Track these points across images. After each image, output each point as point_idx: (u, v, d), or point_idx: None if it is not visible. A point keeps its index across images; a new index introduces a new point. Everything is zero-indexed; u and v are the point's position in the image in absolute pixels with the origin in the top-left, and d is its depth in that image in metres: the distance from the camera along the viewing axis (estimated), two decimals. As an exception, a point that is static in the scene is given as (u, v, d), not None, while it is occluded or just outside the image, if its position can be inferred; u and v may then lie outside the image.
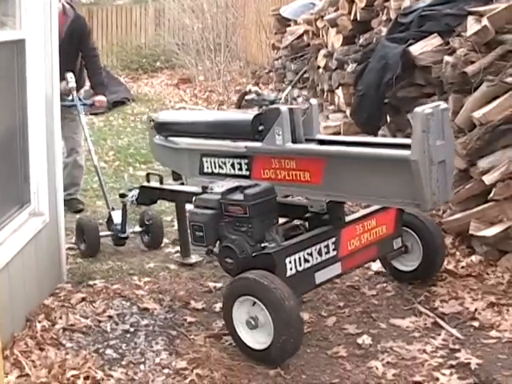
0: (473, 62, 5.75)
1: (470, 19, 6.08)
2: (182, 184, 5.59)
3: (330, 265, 4.50)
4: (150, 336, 4.53)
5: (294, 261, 4.30)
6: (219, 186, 4.48)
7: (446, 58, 6.03)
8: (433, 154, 3.94)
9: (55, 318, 4.69)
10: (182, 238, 5.79)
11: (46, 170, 4.98)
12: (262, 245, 4.30)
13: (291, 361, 4.13)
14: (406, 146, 4.12)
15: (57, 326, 4.58)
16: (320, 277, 4.46)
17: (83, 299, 5.03)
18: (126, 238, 6.09)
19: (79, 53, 7.20)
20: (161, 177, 5.62)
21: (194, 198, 4.64)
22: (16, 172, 4.78)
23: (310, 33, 11.39)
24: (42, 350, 4.25)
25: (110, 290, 5.19)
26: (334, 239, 4.52)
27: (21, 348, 4.21)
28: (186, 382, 3.96)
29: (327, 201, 4.54)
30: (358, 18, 8.79)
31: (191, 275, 5.53)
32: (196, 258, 5.79)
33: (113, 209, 6.24)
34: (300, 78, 9.81)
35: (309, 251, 4.38)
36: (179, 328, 4.63)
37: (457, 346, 4.25)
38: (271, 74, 14.55)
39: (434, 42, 6.43)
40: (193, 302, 5.00)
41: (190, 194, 5.11)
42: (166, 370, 4.10)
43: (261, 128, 4.65)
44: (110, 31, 21.07)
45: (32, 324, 4.54)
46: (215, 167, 4.95)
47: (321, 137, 4.89)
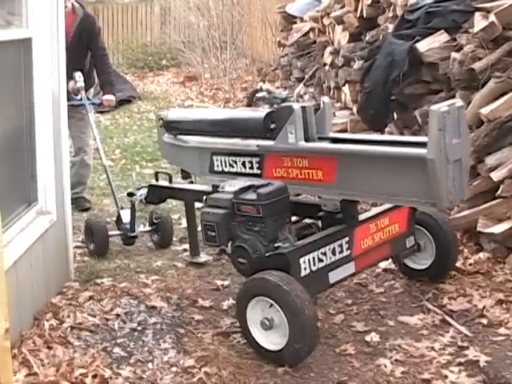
0: (480, 59, 5.75)
1: (477, 15, 6.08)
2: (191, 183, 5.55)
3: (343, 264, 4.46)
4: (157, 334, 4.53)
5: (308, 261, 4.26)
6: (231, 185, 4.44)
7: (453, 54, 6.02)
8: (449, 152, 3.89)
9: (63, 316, 4.69)
10: (191, 237, 5.77)
11: (53, 169, 4.98)
12: (275, 245, 4.25)
13: (299, 359, 4.13)
14: (421, 145, 4.07)
15: (64, 325, 4.57)
16: (334, 276, 4.42)
17: (91, 298, 5.02)
18: (136, 237, 6.06)
19: (88, 52, 7.18)
20: (170, 175, 5.60)
21: (204, 197, 4.61)
22: (23, 171, 4.78)
23: (316, 30, 11.38)
24: (50, 348, 4.25)
25: (117, 289, 5.19)
26: (347, 238, 4.48)
27: (29, 347, 4.20)
28: (194, 380, 3.95)
29: (340, 199, 4.50)
30: (365, 15, 8.79)
31: (199, 273, 5.53)
32: (205, 257, 5.76)
33: (122, 208, 6.21)
34: (312, 76, 9.73)
35: (323, 251, 4.33)
36: (187, 326, 4.62)
37: (465, 344, 4.24)
38: (277, 72, 14.54)
39: (440, 38, 6.43)
40: (200, 300, 4.99)
41: (199, 192, 5.09)
42: (174, 368, 4.09)
43: (273, 126, 4.59)
44: (115, 30, 21.08)
45: (40, 323, 4.53)
46: (226, 166, 4.91)
47: (333, 135, 4.83)
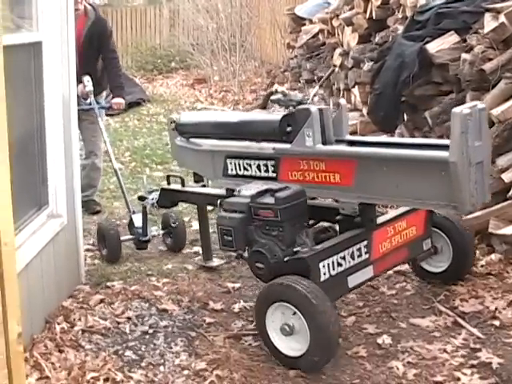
0: (490, 60, 5.73)
1: (487, 16, 6.06)
2: (204, 186, 5.52)
3: (362, 268, 4.41)
4: (169, 337, 4.53)
5: (328, 265, 4.21)
6: (247, 188, 4.39)
7: (464, 55, 6.00)
8: (471, 155, 3.84)
9: (74, 319, 4.69)
10: (203, 241, 5.73)
11: (63, 172, 4.99)
12: (294, 249, 4.20)
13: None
14: (442, 147, 4.04)
15: (76, 328, 4.58)
16: (352, 281, 4.38)
17: (102, 301, 5.03)
18: (148, 241, 6.02)
19: (99, 55, 7.17)
20: (182, 179, 5.58)
21: (219, 201, 4.57)
22: (34, 174, 4.79)
23: (326, 32, 11.37)
24: (61, 352, 4.26)
25: (128, 292, 5.19)
26: (365, 242, 4.43)
27: (40, 350, 4.21)
28: (205, 383, 3.95)
29: (359, 203, 4.44)
30: (374, 17, 8.77)
31: (209, 276, 5.52)
32: (218, 261, 5.72)
33: (134, 212, 6.18)
34: (327, 78, 9.68)
35: (342, 255, 4.29)
36: (198, 329, 4.62)
37: (477, 346, 4.22)
38: (286, 74, 14.53)
39: (451, 39, 6.41)
40: (211, 303, 4.99)
41: (213, 196, 5.08)
42: (185, 372, 4.09)
43: (289, 129, 4.54)
44: (124, 32, 21.10)
45: (51, 326, 4.54)
46: (240, 169, 4.86)
47: (350, 138, 4.78)
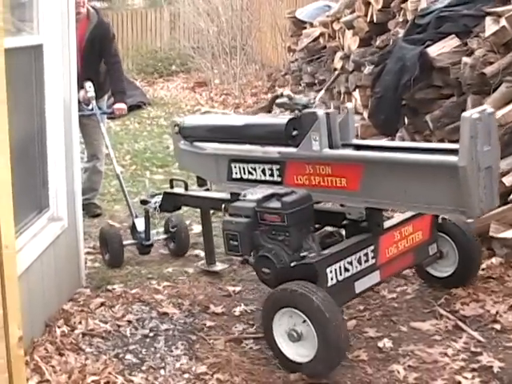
0: (491, 63, 5.74)
1: (488, 20, 6.06)
2: (207, 190, 5.50)
3: (369, 273, 4.38)
4: (169, 341, 4.52)
5: (335, 270, 4.17)
6: (253, 193, 4.34)
7: (465, 59, 6.00)
8: (480, 159, 3.82)
9: (74, 323, 4.69)
10: (207, 246, 5.70)
11: (64, 175, 4.99)
12: (300, 254, 4.16)
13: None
14: (449, 152, 4.02)
15: (76, 331, 4.58)
16: (359, 286, 4.35)
17: (102, 304, 5.03)
18: (151, 245, 5.99)
19: (102, 59, 7.14)
20: (185, 183, 5.56)
21: (223, 205, 4.55)
22: (35, 177, 4.79)
23: (326, 35, 11.37)
24: (61, 355, 4.25)
25: (128, 295, 5.19)
26: (372, 247, 4.40)
27: (41, 353, 4.20)
28: (206, 386, 3.95)
29: (366, 207, 4.41)
30: (375, 20, 8.77)
31: (210, 279, 5.52)
32: (221, 265, 5.69)
33: (136, 216, 6.13)
34: (333, 82, 9.65)
35: (349, 260, 4.25)
36: (199, 332, 4.61)
37: (478, 349, 4.21)
38: (287, 77, 14.54)
39: (451, 43, 6.41)
40: (212, 306, 4.98)
41: (217, 200, 5.07)
42: (186, 375, 4.08)
43: (295, 133, 4.50)
44: (125, 35, 21.10)
45: (51, 329, 4.54)
46: (244, 173, 4.82)
47: (357, 142, 4.74)
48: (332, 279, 4.16)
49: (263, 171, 4.72)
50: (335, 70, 10.28)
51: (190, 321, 4.79)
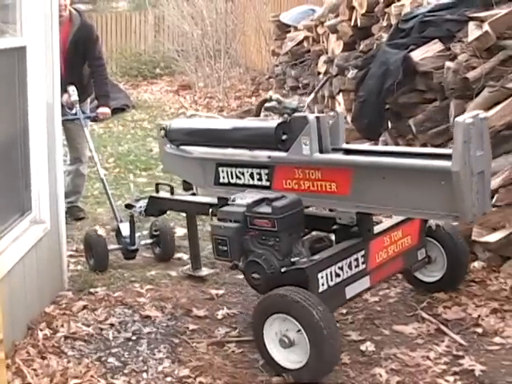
0: (474, 68, 5.77)
1: (471, 25, 6.09)
2: (194, 194, 5.42)
3: (359, 278, 4.35)
4: (152, 344, 4.51)
5: (326, 276, 4.14)
6: (241, 197, 4.30)
7: (448, 63, 6.03)
8: (473, 164, 3.81)
9: (57, 326, 4.67)
10: (192, 250, 5.65)
11: (47, 178, 4.97)
12: (291, 260, 4.12)
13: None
14: (441, 156, 4.02)
15: (58, 334, 4.56)
16: (350, 291, 4.32)
17: (85, 307, 5.00)
18: (136, 250, 5.94)
19: (85, 62, 7.06)
20: (171, 187, 5.52)
21: (210, 210, 4.51)
22: (17, 180, 4.77)
23: (310, 39, 11.42)
24: (43, 358, 4.23)
25: (111, 298, 5.17)
26: (363, 252, 4.38)
27: (22, 357, 4.18)
28: (188, 389, 3.95)
29: (356, 212, 4.37)
30: (359, 24, 8.81)
31: (193, 282, 5.51)
32: (207, 270, 5.66)
33: (121, 221, 6.08)
34: (323, 86, 9.61)
35: (340, 265, 4.22)
36: (181, 336, 4.60)
37: (460, 353, 4.23)
38: (271, 80, 14.57)
39: (435, 47, 6.44)
40: (195, 310, 4.97)
41: (204, 204, 5.03)
42: (168, 378, 4.07)
43: (284, 137, 4.45)
44: (109, 38, 21.06)
45: (33, 332, 4.52)
46: (232, 177, 4.77)
47: (347, 146, 4.71)
48: (323, 285, 4.13)
49: (251, 175, 4.67)
50: (319, 73, 10.32)
51: (172, 324, 4.78)
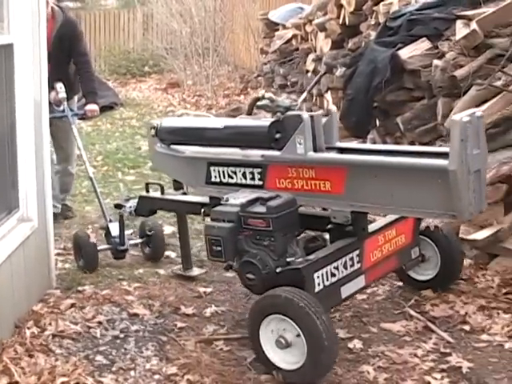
0: (462, 66, 5.79)
1: (459, 23, 6.11)
2: (184, 194, 5.37)
3: (354, 278, 4.32)
4: (140, 342, 4.50)
5: (322, 275, 4.10)
6: (234, 197, 4.26)
7: (435, 61, 6.05)
8: (470, 163, 3.80)
9: (44, 324, 4.65)
10: (183, 251, 5.61)
11: (34, 176, 4.95)
12: (286, 260, 4.09)
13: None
14: (437, 155, 4.01)
15: (46, 333, 4.54)
16: (345, 291, 4.29)
17: (72, 305, 4.99)
18: (126, 250, 5.87)
19: (71, 59, 6.95)
20: (162, 186, 5.48)
21: (202, 210, 4.48)
22: (4, 177, 4.75)
23: (299, 37, 11.43)
24: (31, 356, 4.22)
25: (99, 296, 5.16)
26: (358, 251, 4.34)
27: (10, 355, 4.17)
28: (176, 387, 3.94)
29: (351, 211, 4.33)
30: (347, 22, 8.82)
31: (181, 280, 5.49)
32: (198, 270, 5.62)
33: (110, 220, 6.01)
34: (315, 84, 9.63)
35: (335, 265, 4.18)
36: (169, 333, 4.60)
37: (448, 350, 4.24)
38: (260, 79, 14.57)
39: (422, 45, 6.46)
40: (183, 308, 4.97)
41: (195, 204, 5.00)
42: (156, 376, 4.07)
43: (278, 136, 4.41)
44: (97, 36, 21.05)
45: (21, 330, 4.50)
46: (224, 176, 4.71)
47: (340, 145, 4.67)
48: (319, 285, 4.09)
49: (244, 175, 4.62)
50: (307, 72, 10.33)
51: (160, 322, 4.78)
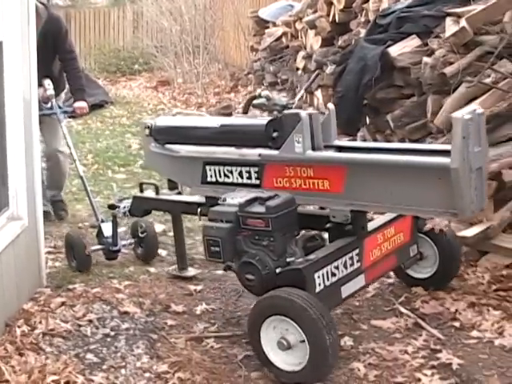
0: (451, 63, 5.79)
1: (448, 20, 6.12)
2: (179, 194, 5.33)
3: (354, 277, 4.28)
4: (130, 340, 4.50)
5: (322, 275, 4.04)
6: (232, 197, 4.20)
7: (425, 59, 6.06)
8: (471, 160, 3.76)
9: (35, 322, 4.64)
10: (178, 251, 5.57)
11: (24, 174, 4.93)
12: (286, 260, 4.05)
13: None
14: (438, 153, 4.00)
15: (36, 331, 4.53)
16: (346, 291, 4.25)
17: (63, 303, 4.98)
18: (118, 251, 5.83)
19: (56, 56, 6.88)
20: (157, 186, 5.42)
21: (199, 209, 4.46)
22: (-6, 176, 4.74)
23: (289, 35, 11.43)
24: (21, 355, 4.21)
25: (89, 294, 5.15)
26: (357, 250, 4.30)
27: (0, 354, 4.16)
28: (167, 385, 3.94)
29: (351, 210, 4.28)
30: (337, 20, 8.83)
31: (171, 278, 5.50)
32: (194, 270, 5.59)
33: (102, 221, 5.95)
34: (312, 82, 9.58)
35: (335, 264, 4.14)
36: (160, 331, 4.60)
37: (438, 347, 4.24)
38: (250, 76, 14.57)
39: (412, 43, 6.47)
40: (173, 305, 4.96)
41: (191, 204, 4.97)
42: (147, 374, 4.07)
43: (275, 134, 4.35)
44: (87, 34, 21.03)
45: (11, 329, 4.49)
46: (220, 176, 4.66)
47: (339, 143, 4.60)
48: (320, 285, 4.04)
49: (240, 174, 4.56)
50: (297, 69, 10.32)
51: (151, 320, 4.77)
